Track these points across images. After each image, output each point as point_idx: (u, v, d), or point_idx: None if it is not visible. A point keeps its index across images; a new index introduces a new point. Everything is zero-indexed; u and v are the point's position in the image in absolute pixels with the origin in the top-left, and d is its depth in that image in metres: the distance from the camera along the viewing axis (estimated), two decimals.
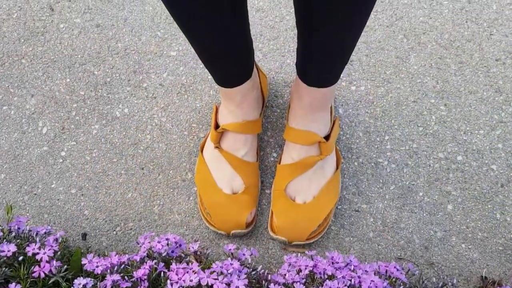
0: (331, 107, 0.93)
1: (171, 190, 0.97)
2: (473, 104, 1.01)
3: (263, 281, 0.75)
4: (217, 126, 0.92)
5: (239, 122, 0.90)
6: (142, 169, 0.98)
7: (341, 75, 1.04)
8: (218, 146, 0.92)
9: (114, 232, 0.94)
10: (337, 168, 0.93)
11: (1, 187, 0.97)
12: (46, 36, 1.09)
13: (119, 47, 1.07)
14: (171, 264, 0.73)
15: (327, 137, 0.90)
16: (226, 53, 0.78)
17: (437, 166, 0.97)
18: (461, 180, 0.96)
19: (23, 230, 0.80)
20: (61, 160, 0.99)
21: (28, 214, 0.95)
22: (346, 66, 1.04)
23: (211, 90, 1.04)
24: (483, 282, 0.88)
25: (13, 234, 0.79)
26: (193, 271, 0.71)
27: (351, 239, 0.92)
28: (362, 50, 1.06)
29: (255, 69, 0.91)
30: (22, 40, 1.09)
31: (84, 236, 0.94)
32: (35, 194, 0.97)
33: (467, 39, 1.06)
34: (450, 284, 0.76)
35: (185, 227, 0.94)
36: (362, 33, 1.05)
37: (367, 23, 1.07)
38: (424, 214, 0.94)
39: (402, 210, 0.94)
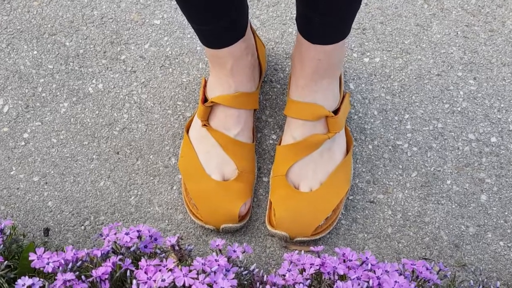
0: (340, 77, 0.78)
1: (151, 178, 0.82)
2: (508, 77, 0.86)
3: (258, 283, 0.59)
4: (205, 100, 0.78)
5: (231, 94, 0.75)
6: (118, 153, 0.83)
7: (352, 45, 0.89)
8: (206, 123, 0.77)
9: (82, 227, 0.79)
10: (347, 151, 0.78)
11: None
12: (13, 3, 0.95)
13: (94, 15, 0.93)
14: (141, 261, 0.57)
15: (335, 112, 0.75)
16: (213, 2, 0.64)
17: (467, 149, 0.81)
18: (496, 165, 0.80)
19: None
20: (23, 143, 0.84)
21: None
22: (358, 35, 0.90)
23: (200, 63, 0.89)
24: None
25: None
26: (167, 269, 0.55)
27: (366, 235, 0.77)
28: (377, 16, 0.91)
29: (250, 31, 0.77)
30: None
31: (46, 231, 0.79)
32: None
33: (497, 4, 0.91)
34: (492, 287, 0.60)
35: (166, 221, 0.79)
36: None
37: None
38: (453, 206, 0.78)
39: (426, 201, 0.78)
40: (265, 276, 0.61)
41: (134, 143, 0.84)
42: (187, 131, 0.81)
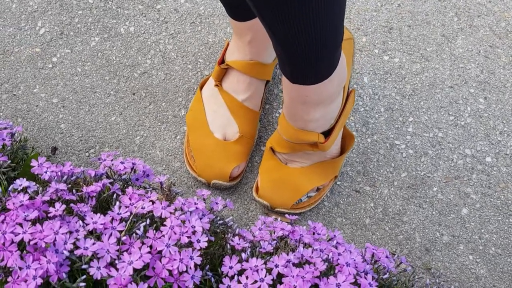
0: (344, 88, 0.73)
1: (159, 123, 0.87)
2: None
3: (229, 233, 0.64)
4: (222, 61, 0.81)
5: (246, 61, 0.79)
6: (134, 94, 0.88)
7: (376, 41, 0.92)
8: (218, 84, 0.81)
9: (87, 154, 0.85)
10: (344, 148, 0.79)
11: None
12: None
13: None
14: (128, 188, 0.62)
15: (330, 130, 0.72)
16: None
17: (461, 162, 0.84)
18: (485, 184, 0.82)
19: None
20: (50, 66, 0.90)
21: (1, 113, 0.86)
22: (383, 33, 0.92)
23: (228, 27, 0.93)
24: None
25: None
26: (149, 200, 0.60)
27: (344, 220, 0.81)
28: (406, 19, 0.93)
29: None
30: None
31: (54, 150, 0.85)
32: (15, 94, 0.88)
33: None
34: None
35: (164, 165, 0.84)
36: (409, 1, 0.93)
37: None
38: (434, 212, 0.81)
39: (409, 202, 0.82)
40: (237, 229, 0.65)
41: (150, 88, 0.89)
42: (201, 88, 0.85)
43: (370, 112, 0.87)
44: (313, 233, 0.66)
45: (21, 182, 0.61)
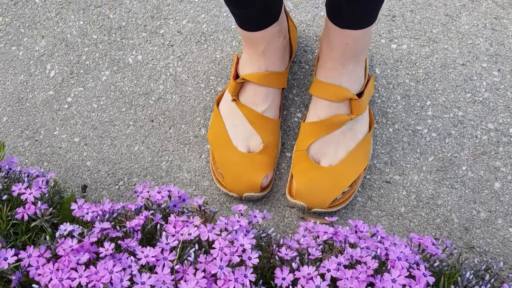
0: (365, 61, 0.81)
1: (182, 146, 0.87)
2: None
3: (274, 246, 0.65)
4: (237, 76, 0.82)
5: (262, 73, 0.79)
6: (152, 121, 0.89)
7: (381, 31, 0.92)
8: (236, 98, 0.82)
9: (117, 187, 0.86)
10: (369, 130, 0.82)
11: (2, 130, 0.90)
12: None
13: None
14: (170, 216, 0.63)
15: (359, 95, 0.79)
16: None
17: (485, 138, 0.84)
18: None
19: (13, 171, 0.72)
20: (66, 106, 0.91)
21: (27, 160, 0.88)
22: (387, 22, 0.92)
23: (233, 41, 0.94)
24: None
25: (3, 174, 0.71)
26: (193, 225, 0.61)
27: (379, 212, 0.81)
28: (407, 4, 0.94)
29: (283, 15, 0.81)
30: None
31: (84, 188, 0.86)
32: (36, 140, 0.89)
33: None
34: (495, 267, 0.64)
35: (194, 186, 0.85)
36: None
37: None
38: (467, 191, 0.81)
39: (440, 185, 0.82)
40: (281, 239, 0.66)
41: (168, 112, 0.90)
42: (217, 104, 0.86)
43: (387, 102, 0.88)
44: (355, 232, 0.66)
45: (66, 227, 0.62)
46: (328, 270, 0.58)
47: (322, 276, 0.58)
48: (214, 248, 0.58)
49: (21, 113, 0.91)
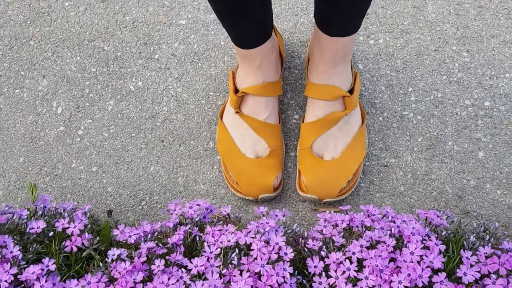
0: (351, 61, 0.90)
1: (194, 160, 0.94)
2: (497, 47, 0.98)
3: (300, 239, 0.73)
4: (236, 90, 0.90)
5: (259, 84, 0.87)
6: (162, 141, 0.96)
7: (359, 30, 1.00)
8: (238, 111, 0.89)
9: (140, 207, 0.92)
10: (362, 122, 0.91)
11: (21, 170, 0.95)
12: (52, 15, 1.06)
13: (126, 20, 1.04)
14: (205, 228, 0.71)
15: (350, 91, 0.87)
16: (244, 10, 0.75)
17: (465, 113, 0.94)
18: (491, 125, 0.93)
19: (49, 208, 0.78)
20: (78, 139, 0.97)
21: (51, 195, 0.93)
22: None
23: (225, 56, 1.01)
24: None
25: (40, 212, 0.77)
26: (229, 232, 0.69)
27: (382, 194, 0.90)
28: (378, 2, 1.02)
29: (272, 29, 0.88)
30: (29, 22, 1.06)
31: (109, 213, 0.92)
32: (56, 175, 0.95)
33: None
34: (492, 228, 0.74)
35: (211, 196, 0.92)
36: None
37: None
38: (455, 163, 0.91)
39: (432, 161, 0.92)
40: (305, 232, 0.74)
41: (175, 131, 0.96)
42: (221, 118, 0.93)
43: (373, 94, 0.96)
44: (368, 215, 0.75)
45: (113, 252, 0.69)
46: (353, 253, 0.67)
47: (349, 259, 0.67)
48: (252, 249, 0.66)
49: (36, 152, 0.97)
